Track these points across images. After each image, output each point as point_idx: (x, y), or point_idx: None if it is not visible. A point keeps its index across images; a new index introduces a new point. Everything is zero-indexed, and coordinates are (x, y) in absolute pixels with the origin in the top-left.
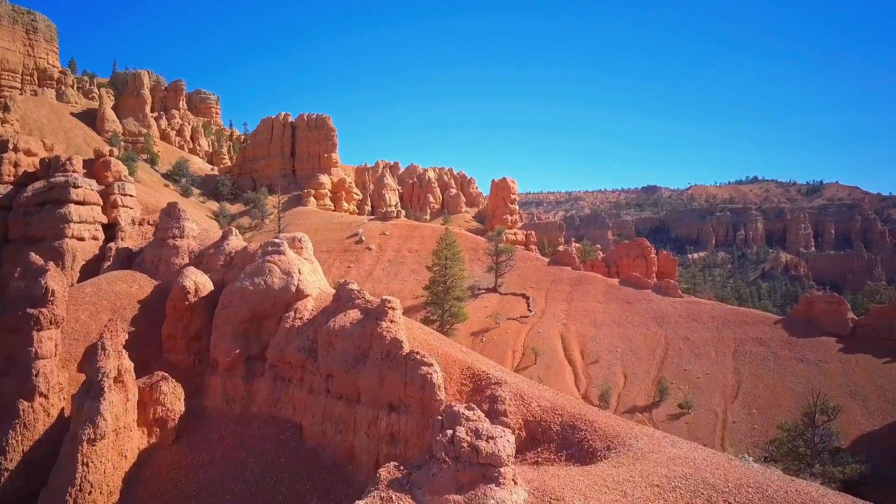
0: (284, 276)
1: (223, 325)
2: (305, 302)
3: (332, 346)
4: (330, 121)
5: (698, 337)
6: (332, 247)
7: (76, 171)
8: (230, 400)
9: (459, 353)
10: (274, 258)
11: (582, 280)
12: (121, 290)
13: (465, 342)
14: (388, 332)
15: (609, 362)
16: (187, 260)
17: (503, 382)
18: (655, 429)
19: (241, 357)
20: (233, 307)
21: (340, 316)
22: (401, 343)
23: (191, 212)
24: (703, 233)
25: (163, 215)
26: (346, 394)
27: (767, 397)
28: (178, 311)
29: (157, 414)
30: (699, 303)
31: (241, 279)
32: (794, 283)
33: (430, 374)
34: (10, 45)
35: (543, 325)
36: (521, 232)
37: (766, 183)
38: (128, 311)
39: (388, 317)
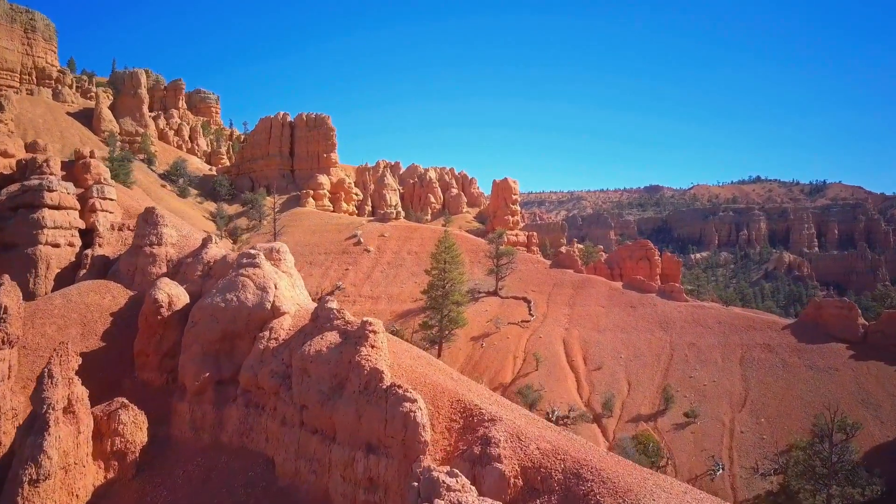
0: (259, 291)
1: (192, 344)
2: (282, 320)
3: (307, 373)
4: (329, 120)
5: (704, 343)
6: (330, 248)
7: (53, 173)
8: (198, 428)
9: (449, 382)
10: (248, 272)
11: (585, 283)
12: (92, 302)
13: (464, 347)
14: (368, 360)
15: (612, 369)
16: (165, 269)
17: (498, 420)
18: (674, 480)
19: (211, 381)
20: (202, 325)
21: (317, 339)
22: (381, 374)
23: (188, 213)
24: (705, 233)
25: (140, 221)
26: (322, 428)
27: (776, 406)
28: (151, 326)
29: (115, 446)
30: (705, 307)
31: (213, 294)
32: (798, 283)
33: (413, 411)
34: (9, 44)
35: (545, 329)
36: (523, 233)
37: (769, 183)
38: (99, 324)
39: (369, 342)
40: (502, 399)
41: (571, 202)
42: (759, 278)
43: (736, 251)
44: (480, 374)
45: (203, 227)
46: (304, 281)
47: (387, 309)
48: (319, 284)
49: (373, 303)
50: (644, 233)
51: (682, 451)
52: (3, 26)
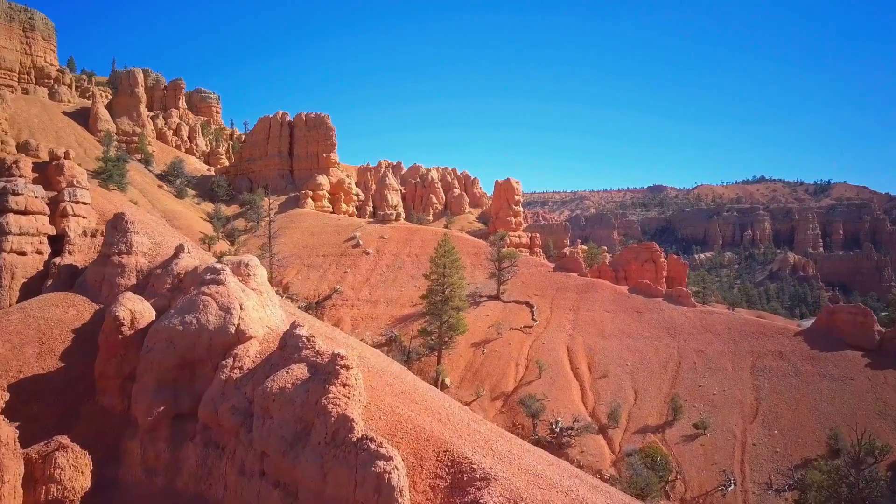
0: (222, 312)
1: (145, 374)
2: (247, 346)
3: (269, 414)
4: (329, 120)
5: (713, 350)
6: (329, 251)
7: (23, 175)
8: (151, 471)
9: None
10: (210, 290)
11: (589, 287)
12: (53, 317)
13: (465, 353)
14: (336, 404)
15: (618, 377)
16: (134, 280)
17: (492, 479)
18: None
19: (167, 415)
20: (158, 352)
21: (282, 373)
22: (351, 423)
23: (184, 214)
24: (709, 233)
25: (108, 228)
26: (284, 482)
27: (790, 417)
28: (111, 347)
29: (50, 495)
30: (714, 312)
31: (170, 316)
32: (803, 284)
33: (387, 472)
34: (7, 43)
35: (548, 335)
36: (526, 234)
37: (773, 182)
38: (59, 342)
39: (339, 379)
40: (499, 442)
41: (574, 202)
42: (763, 279)
43: (740, 251)
44: (481, 382)
45: (200, 228)
46: (302, 284)
47: (385, 313)
48: (317, 288)
49: (371, 307)
50: (648, 233)
51: (692, 465)
52: (2, 25)
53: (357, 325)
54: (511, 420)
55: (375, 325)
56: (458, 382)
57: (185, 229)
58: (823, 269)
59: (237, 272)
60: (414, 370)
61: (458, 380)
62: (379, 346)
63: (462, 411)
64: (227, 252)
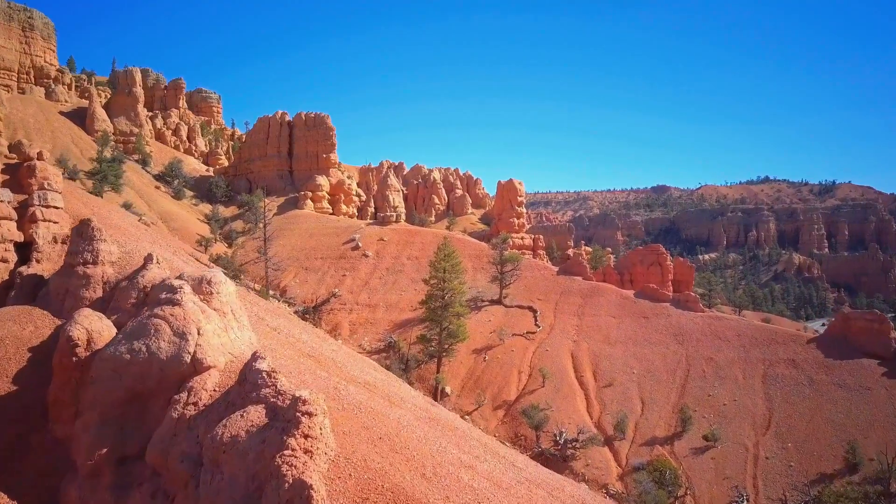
0: (177, 338)
1: (89, 409)
2: (205, 378)
3: (219, 467)
4: (329, 120)
5: (723, 357)
6: (327, 253)
7: None
8: None
9: (420, 486)
10: (164, 311)
11: (594, 291)
12: (9, 334)
13: (466, 361)
14: (292, 466)
15: (624, 385)
16: (100, 293)
17: None
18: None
19: (112, 458)
20: (102, 384)
21: (236, 417)
22: (309, 492)
23: (181, 215)
24: (713, 233)
25: (73, 235)
26: None
27: (804, 429)
28: (66, 370)
29: None
30: (723, 318)
31: (118, 342)
32: (808, 285)
33: None
34: (6, 42)
35: (552, 342)
36: (529, 236)
37: (778, 183)
38: (13, 362)
39: (301, 430)
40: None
41: (578, 202)
42: (768, 280)
43: (744, 252)
44: (483, 390)
45: (197, 229)
46: (300, 288)
47: (384, 318)
48: (315, 291)
49: (370, 311)
50: (651, 233)
51: (702, 480)
52: (1, 24)
53: (355, 330)
54: (513, 431)
55: (374, 330)
56: (459, 391)
57: (182, 231)
58: (829, 270)
59: (198, 290)
60: (413, 377)
61: (458, 388)
62: (377, 352)
63: (456, 449)
64: (225, 254)
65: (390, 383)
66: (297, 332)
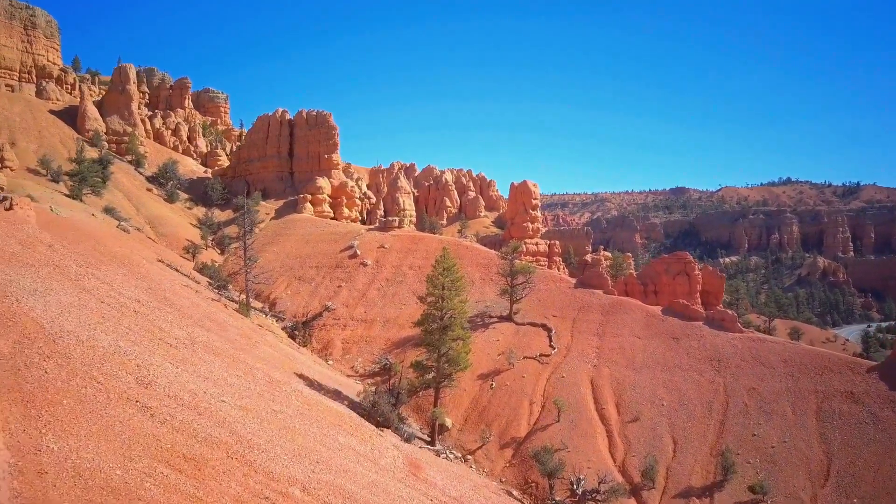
0: None
1: None
2: None
3: None
4: (331, 118)
5: (768, 388)
6: (323, 261)
7: None
8: None
9: None
10: None
11: (616, 307)
12: None
13: (470, 388)
14: None
15: (653, 420)
16: None
17: None
18: None
19: None
20: None
21: None
22: None
23: (172, 219)
24: (734, 236)
25: None
26: None
27: (872, 480)
28: None
29: None
30: (765, 340)
31: None
32: (834, 290)
33: None
34: (7, 41)
35: (569, 366)
36: (544, 242)
37: (800, 184)
38: None
39: None
40: None
41: (595, 204)
42: (792, 284)
43: (767, 255)
44: (489, 424)
45: (188, 235)
46: (290, 300)
47: (381, 335)
48: (307, 304)
49: (366, 327)
50: (671, 236)
51: None
52: (2, 23)
53: (348, 348)
54: (523, 476)
55: (369, 349)
56: (461, 424)
57: (170, 236)
58: (855, 275)
59: None
60: (409, 407)
61: (460, 420)
62: (372, 375)
63: None
64: (215, 262)
65: None
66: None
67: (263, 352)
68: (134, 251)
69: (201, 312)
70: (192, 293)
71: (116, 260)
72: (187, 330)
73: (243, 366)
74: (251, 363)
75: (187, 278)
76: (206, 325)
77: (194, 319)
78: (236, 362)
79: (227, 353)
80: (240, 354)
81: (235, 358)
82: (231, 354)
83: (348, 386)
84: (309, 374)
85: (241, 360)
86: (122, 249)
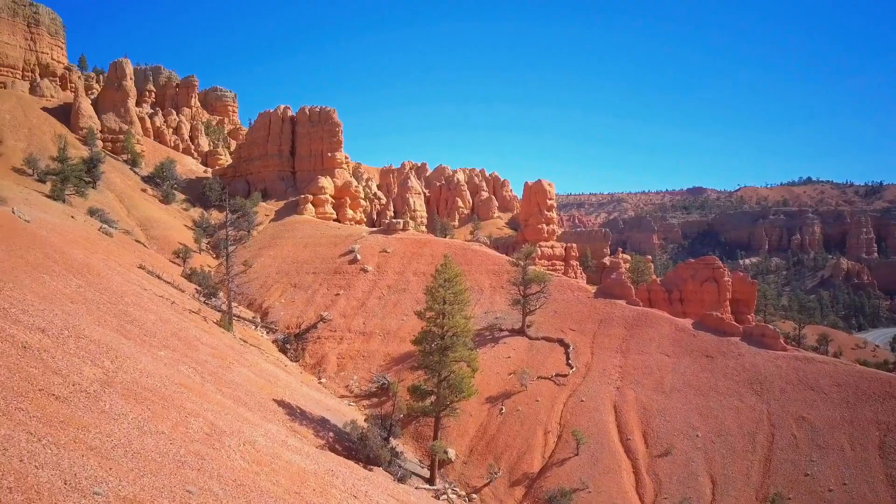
0: None
1: None
2: None
3: None
4: (335, 114)
5: (820, 417)
6: (320, 267)
7: None
8: None
9: None
10: None
11: (641, 320)
12: None
13: (477, 413)
14: None
15: (687, 454)
16: None
17: None
18: None
19: None
20: None
21: None
22: None
23: (165, 221)
24: (754, 237)
25: None
26: None
27: None
28: None
29: None
30: (813, 360)
31: None
32: (858, 292)
33: None
34: (10, 38)
35: (589, 388)
36: (560, 245)
37: (821, 184)
38: None
39: None
40: None
41: (612, 204)
42: (814, 286)
43: (788, 257)
44: (497, 457)
45: (181, 238)
46: (284, 309)
47: (380, 350)
48: (301, 314)
49: (364, 340)
50: (689, 237)
51: None
52: (4, 20)
53: (344, 364)
54: None
55: (366, 365)
56: (466, 455)
57: (162, 239)
58: (879, 276)
59: None
60: (408, 435)
61: (465, 451)
62: (367, 396)
63: None
64: (208, 267)
65: None
66: None
67: (237, 375)
68: (111, 256)
69: (169, 329)
70: (166, 305)
71: (73, 270)
72: (115, 362)
73: (175, 414)
74: (192, 408)
75: (170, 286)
76: (171, 345)
77: (157, 339)
78: (168, 409)
79: (162, 393)
80: (181, 396)
81: (169, 402)
82: (166, 396)
83: (337, 412)
84: (291, 399)
85: (175, 406)
86: (86, 257)
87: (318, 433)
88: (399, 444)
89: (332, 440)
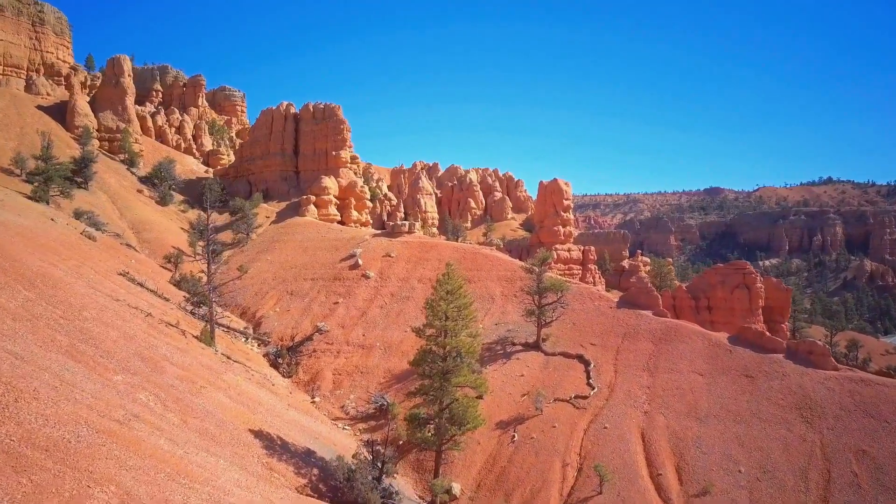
0: None
1: None
2: None
3: None
4: (340, 111)
5: (883, 451)
6: (319, 273)
7: None
8: None
9: None
10: None
11: (670, 334)
12: None
13: (486, 441)
14: None
15: (728, 493)
16: None
17: None
18: None
19: None
20: None
21: None
22: None
23: (161, 224)
24: (774, 238)
25: None
26: None
27: None
28: None
29: None
30: (870, 381)
31: None
32: (883, 294)
33: None
34: (14, 37)
35: (613, 413)
36: (577, 248)
37: (842, 184)
38: None
39: None
40: None
41: (628, 205)
42: (836, 288)
43: (809, 258)
44: (509, 493)
45: (176, 241)
46: (278, 319)
47: (381, 365)
48: (297, 324)
49: (363, 354)
50: (707, 238)
51: None
52: (8, 19)
53: (340, 382)
54: None
55: (365, 383)
56: (473, 490)
57: (154, 243)
58: None
59: None
60: (408, 464)
61: (472, 485)
62: (364, 418)
63: None
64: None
65: None
66: None
67: (209, 401)
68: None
69: (133, 348)
70: (140, 318)
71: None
72: (18, 403)
73: (70, 486)
74: (102, 471)
75: (153, 294)
76: (132, 368)
77: (115, 361)
78: (62, 478)
79: (67, 450)
80: (96, 451)
81: (70, 465)
82: (71, 454)
83: (327, 440)
84: (272, 429)
85: (78, 470)
86: (48, 265)
87: (299, 470)
88: (397, 477)
89: (315, 479)
